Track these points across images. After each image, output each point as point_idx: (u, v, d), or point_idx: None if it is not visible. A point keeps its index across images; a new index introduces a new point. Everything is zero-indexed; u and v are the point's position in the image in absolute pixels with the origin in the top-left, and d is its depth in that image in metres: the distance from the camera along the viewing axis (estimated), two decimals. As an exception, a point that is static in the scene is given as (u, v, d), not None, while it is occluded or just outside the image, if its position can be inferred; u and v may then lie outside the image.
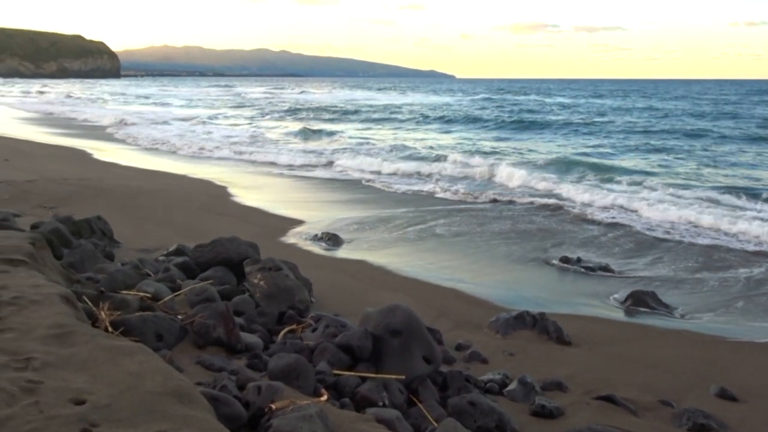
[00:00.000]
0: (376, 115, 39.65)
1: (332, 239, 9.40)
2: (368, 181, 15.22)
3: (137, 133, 26.53)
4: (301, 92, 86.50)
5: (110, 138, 25.29)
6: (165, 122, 33.82)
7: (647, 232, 10.27)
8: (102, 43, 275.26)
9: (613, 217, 11.18)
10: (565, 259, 8.54)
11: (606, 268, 8.26)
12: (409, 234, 10.10)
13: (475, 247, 9.41)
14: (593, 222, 11.04)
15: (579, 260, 8.48)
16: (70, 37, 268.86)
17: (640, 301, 6.97)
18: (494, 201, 12.81)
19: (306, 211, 11.51)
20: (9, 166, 14.72)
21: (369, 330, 4.52)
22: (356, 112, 42.45)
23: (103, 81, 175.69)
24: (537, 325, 6.00)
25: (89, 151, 19.78)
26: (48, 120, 35.02)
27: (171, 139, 24.28)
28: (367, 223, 10.75)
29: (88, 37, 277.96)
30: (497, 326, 6.06)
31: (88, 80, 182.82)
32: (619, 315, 6.85)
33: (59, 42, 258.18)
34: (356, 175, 16.03)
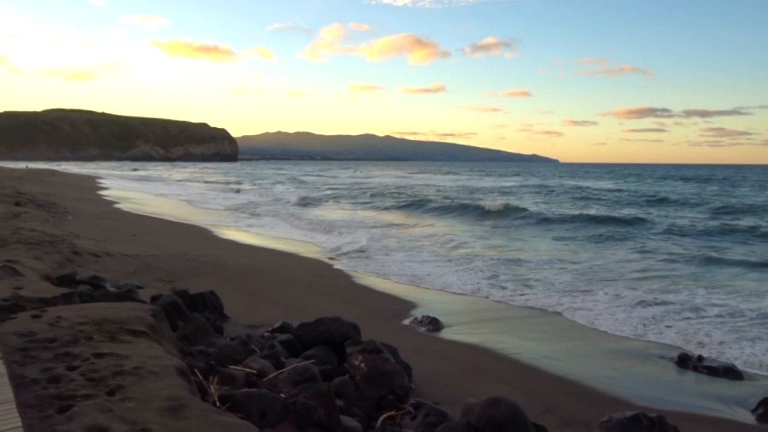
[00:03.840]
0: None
1: (432, 323, 9.29)
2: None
3: (251, 214, 28.27)
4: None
5: (229, 217, 26.95)
6: (276, 201, 35.87)
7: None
8: (224, 130, 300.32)
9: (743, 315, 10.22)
10: (684, 357, 7.87)
11: (732, 370, 7.50)
12: (517, 321, 9.77)
13: (586, 337, 8.92)
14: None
15: (701, 359, 7.79)
16: (196, 125, 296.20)
17: (775, 409, 6.23)
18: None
19: (416, 293, 11.47)
20: (136, 241, 16.02)
21: (471, 422, 4.36)
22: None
23: (223, 164, 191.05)
24: (655, 430, 5.49)
25: (209, 228, 21.19)
26: (176, 199, 38.15)
27: (281, 220, 25.56)
28: (474, 310, 10.52)
29: (212, 124, 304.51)
30: (609, 427, 5.60)
31: (209, 163, 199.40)
32: (750, 424, 6.14)
33: (187, 129, 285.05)
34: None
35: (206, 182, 63.23)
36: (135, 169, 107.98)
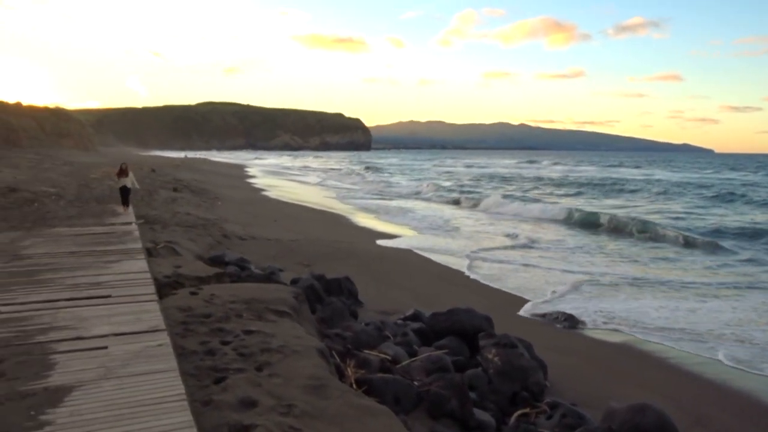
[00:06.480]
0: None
1: (569, 319, 8.92)
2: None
3: (376, 206, 28.71)
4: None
5: (362, 206, 27.74)
6: (414, 194, 36.22)
7: None
8: (358, 120, 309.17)
9: None
10: None
11: None
12: (660, 321, 9.11)
13: (748, 344, 8.07)
14: None
15: None
16: (332, 115, 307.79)
17: None
18: None
19: (547, 290, 11.06)
20: (277, 227, 16.98)
21: (613, 428, 4.12)
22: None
23: (357, 153, 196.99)
24: (830, 454, 4.87)
25: (344, 215, 21.97)
26: (314, 187, 40.04)
27: (416, 214, 25.42)
28: (613, 311, 9.93)
29: (347, 114, 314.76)
30: (773, 447, 5.06)
31: (343, 152, 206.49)
32: None
33: (323, 119, 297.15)
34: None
35: (340, 171, 65.46)
36: (277, 158, 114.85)
